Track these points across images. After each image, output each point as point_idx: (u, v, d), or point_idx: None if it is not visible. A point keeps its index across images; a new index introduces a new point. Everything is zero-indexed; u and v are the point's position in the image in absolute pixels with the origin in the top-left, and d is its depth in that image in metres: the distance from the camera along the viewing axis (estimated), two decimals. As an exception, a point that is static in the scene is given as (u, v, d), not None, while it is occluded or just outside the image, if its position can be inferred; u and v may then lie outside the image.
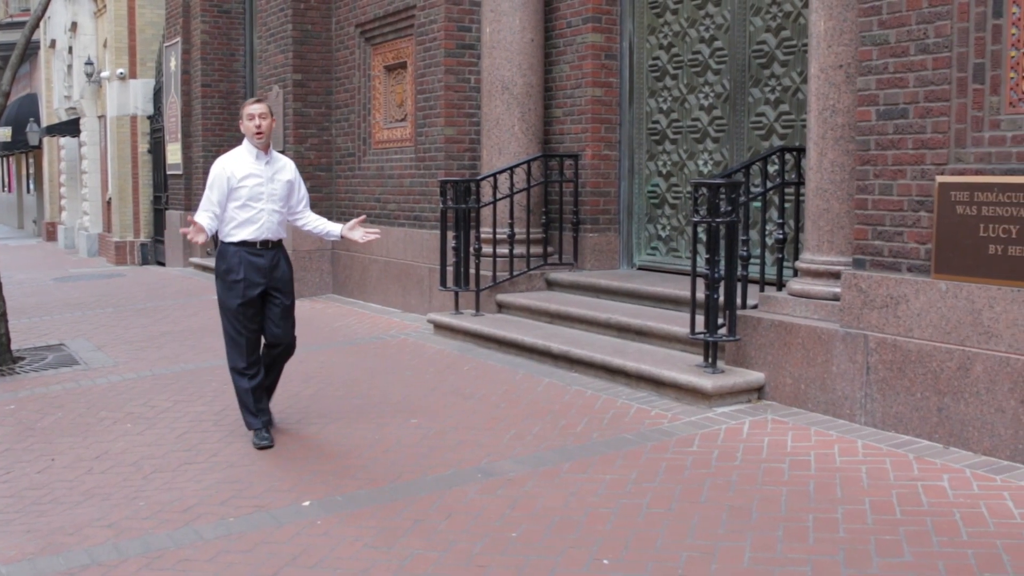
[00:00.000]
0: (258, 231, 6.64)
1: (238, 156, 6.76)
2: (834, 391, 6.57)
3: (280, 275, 6.73)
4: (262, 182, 6.67)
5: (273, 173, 6.75)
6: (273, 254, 6.71)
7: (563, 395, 7.41)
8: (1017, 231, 5.59)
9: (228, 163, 6.72)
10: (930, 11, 6.01)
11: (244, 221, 6.62)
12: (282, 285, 6.74)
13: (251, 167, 6.67)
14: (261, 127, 6.67)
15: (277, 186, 6.75)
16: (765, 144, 8.77)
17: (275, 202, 6.72)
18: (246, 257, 6.61)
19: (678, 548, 4.63)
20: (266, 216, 6.66)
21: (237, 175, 6.63)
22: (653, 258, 10.19)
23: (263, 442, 6.54)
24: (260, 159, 6.72)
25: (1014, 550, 4.46)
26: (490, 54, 10.31)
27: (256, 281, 6.61)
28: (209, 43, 17.05)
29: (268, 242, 6.69)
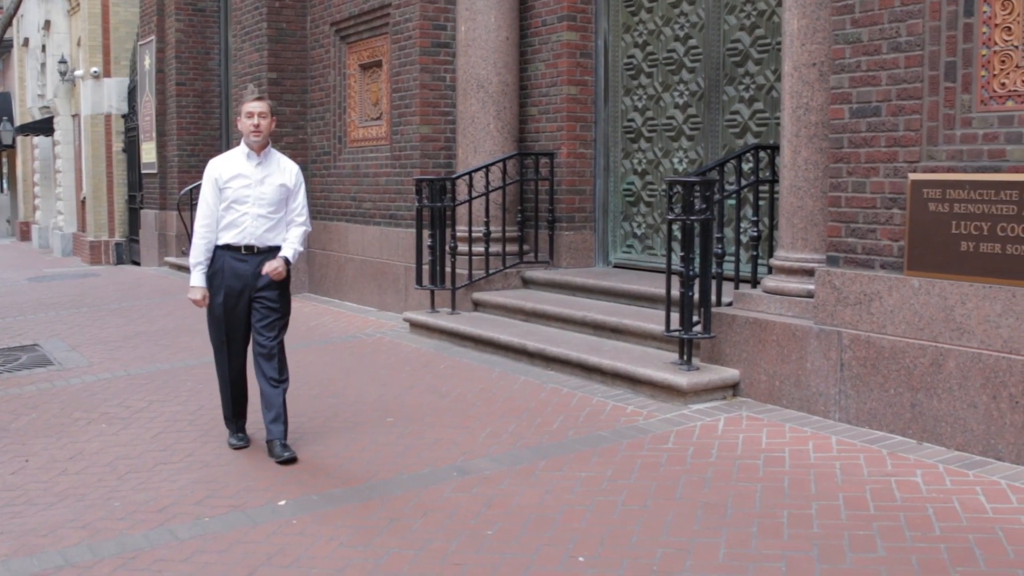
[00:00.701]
0: (240, 235, 6.35)
1: (229, 156, 6.56)
2: (808, 388, 6.60)
3: (266, 283, 6.36)
4: (249, 184, 6.37)
5: (264, 175, 6.42)
6: (259, 261, 6.37)
7: (539, 393, 7.42)
8: (989, 228, 5.63)
9: (218, 163, 6.51)
10: (902, 10, 6.04)
11: (228, 224, 6.36)
12: (268, 293, 6.38)
13: (239, 167, 6.41)
14: (260, 126, 6.39)
15: (267, 189, 6.40)
16: (740, 142, 8.80)
17: (262, 206, 6.38)
18: (229, 261, 6.35)
19: (653, 545, 4.64)
20: (250, 221, 6.34)
21: (224, 176, 6.39)
22: (629, 256, 10.21)
23: (240, 443, 6.53)
24: (251, 160, 6.43)
25: (986, 544, 4.50)
26: (465, 52, 10.31)
27: (235, 287, 6.35)
28: (184, 41, 16.99)
29: (253, 248, 6.38)
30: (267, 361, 6.37)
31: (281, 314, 6.45)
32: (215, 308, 6.42)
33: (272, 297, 6.38)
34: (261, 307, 6.37)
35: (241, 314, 6.40)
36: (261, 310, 6.37)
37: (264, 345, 6.37)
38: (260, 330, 6.40)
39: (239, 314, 6.40)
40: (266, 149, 6.49)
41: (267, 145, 6.50)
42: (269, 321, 6.38)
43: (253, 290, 6.36)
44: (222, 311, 6.39)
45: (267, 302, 6.38)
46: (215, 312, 6.42)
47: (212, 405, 7.50)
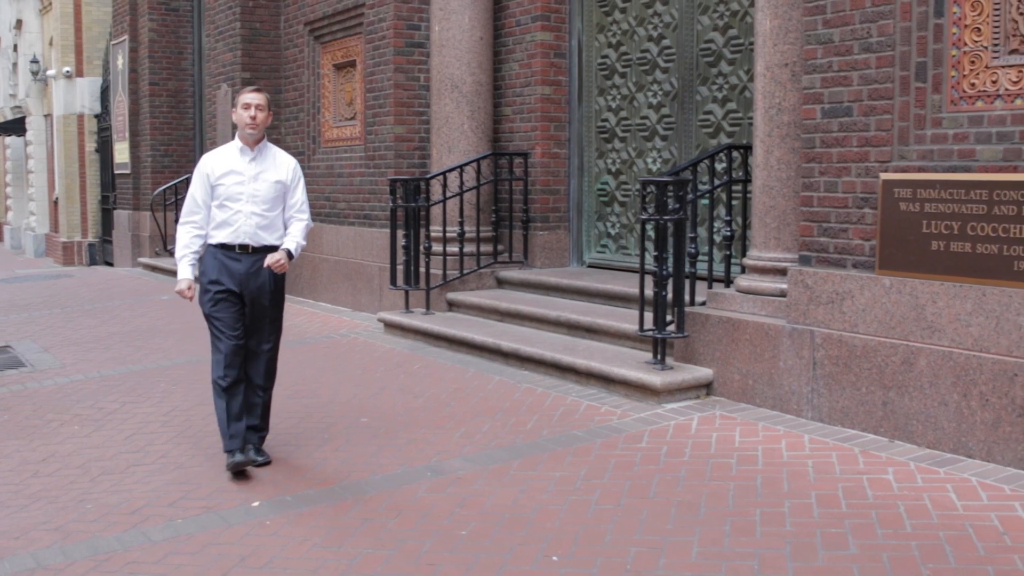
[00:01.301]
0: (234, 234, 6.06)
1: (222, 151, 6.26)
2: (781, 386, 6.63)
3: (260, 284, 6.10)
4: (242, 181, 6.07)
5: (258, 171, 6.11)
6: (254, 261, 6.08)
7: (513, 393, 7.43)
8: (959, 227, 5.67)
9: (210, 158, 6.21)
10: (873, 10, 6.08)
11: (221, 223, 6.07)
12: (261, 296, 6.12)
13: (232, 163, 6.12)
14: (256, 119, 6.09)
15: (261, 186, 6.10)
16: (713, 142, 8.83)
17: (257, 204, 6.07)
18: (222, 260, 6.07)
19: (627, 544, 4.65)
20: (243, 219, 6.04)
21: (216, 172, 6.09)
22: (603, 256, 10.23)
23: (239, 459, 5.97)
24: (245, 155, 6.13)
25: (956, 541, 4.53)
26: (439, 52, 10.31)
27: (228, 286, 6.05)
28: (157, 41, 16.92)
29: (248, 247, 6.08)
30: (254, 364, 6.18)
31: (273, 317, 6.23)
32: (208, 309, 6.11)
33: (265, 300, 6.14)
34: (255, 310, 6.13)
35: (235, 314, 6.09)
36: (255, 313, 6.14)
37: (253, 350, 6.16)
38: (252, 335, 6.16)
39: (233, 314, 6.09)
40: (261, 143, 6.20)
41: (262, 139, 6.22)
42: (264, 323, 6.18)
43: (247, 291, 6.09)
44: (214, 311, 6.09)
45: (260, 306, 6.14)
46: (206, 310, 6.13)
47: (186, 406, 7.49)
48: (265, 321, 6.18)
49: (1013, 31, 5.57)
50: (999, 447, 5.50)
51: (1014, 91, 5.56)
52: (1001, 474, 5.36)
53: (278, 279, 6.21)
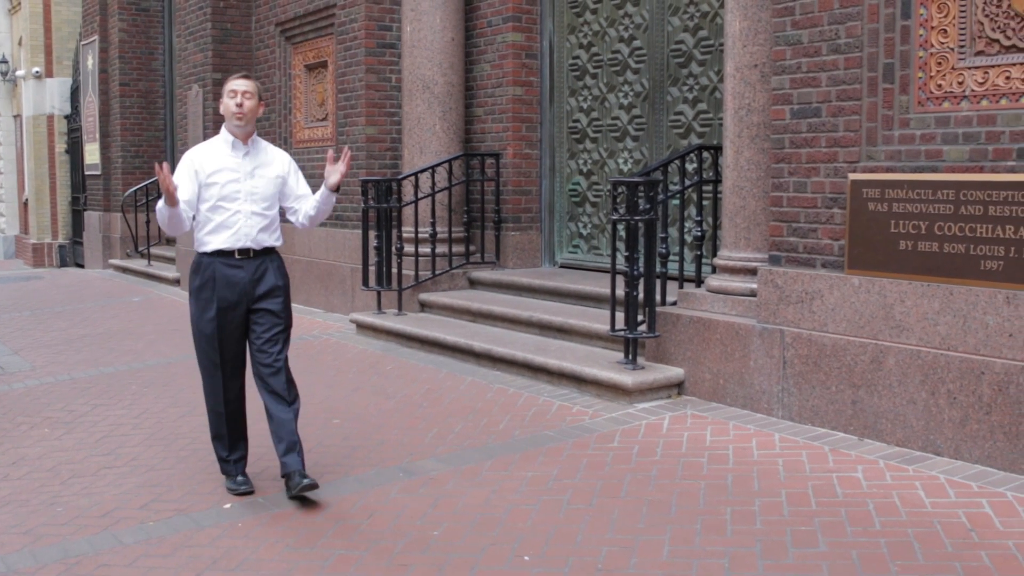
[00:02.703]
0: (234, 238, 5.47)
1: (209, 146, 5.64)
2: (752, 386, 6.67)
3: (268, 289, 5.53)
4: (238, 178, 5.50)
5: (254, 167, 5.55)
6: (257, 265, 5.52)
7: (485, 393, 7.44)
8: (926, 227, 5.72)
9: (196, 154, 5.59)
10: (841, 12, 6.12)
11: (217, 226, 5.47)
12: (271, 301, 5.54)
13: (224, 160, 5.53)
14: (244, 107, 5.48)
15: (259, 183, 5.55)
16: (684, 142, 8.87)
17: (256, 203, 5.52)
18: (221, 270, 5.46)
19: (598, 543, 4.67)
20: (243, 220, 5.48)
21: (206, 168, 5.49)
22: (575, 256, 10.26)
23: (240, 488, 5.59)
24: (238, 149, 5.55)
25: (925, 538, 4.57)
26: (411, 53, 10.31)
27: (232, 300, 5.47)
28: (127, 41, 16.85)
29: (249, 251, 5.51)
30: (274, 377, 5.50)
31: (285, 325, 5.61)
32: (203, 325, 5.51)
33: (274, 307, 5.55)
34: (262, 319, 5.52)
35: (237, 330, 5.54)
36: (262, 322, 5.52)
37: (268, 364, 5.50)
38: (263, 346, 5.51)
39: (234, 330, 5.53)
40: (253, 137, 5.63)
41: (253, 133, 5.64)
42: (273, 334, 5.53)
43: (251, 300, 5.51)
44: (214, 328, 5.48)
45: (269, 313, 5.53)
46: (204, 330, 5.52)
47: (157, 409, 7.46)
48: (279, 328, 5.56)
49: (979, 33, 5.63)
50: (967, 445, 5.55)
51: (980, 92, 5.61)
52: (969, 471, 5.42)
53: (285, 281, 5.65)
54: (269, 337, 5.51)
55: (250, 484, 5.62)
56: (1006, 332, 5.38)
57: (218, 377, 5.58)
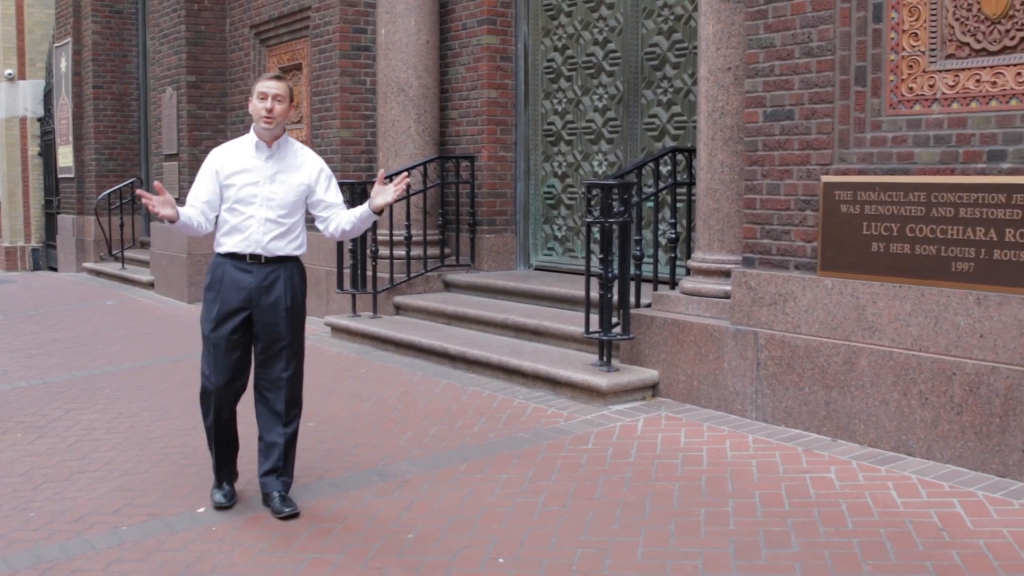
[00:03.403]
0: (245, 243, 5.22)
1: (235, 146, 5.39)
2: (726, 387, 6.69)
3: (273, 301, 5.23)
4: (256, 182, 5.23)
5: (275, 171, 5.27)
6: (268, 273, 5.23)
7: (460, 396, 7.44)
8: (898, 229, 5.76)
9: (220, 154, 5.36)
10: (813, 15, 6.16)
11: (231, 228, 5.25)
12: (275, 314, 5.23)
13: (245, 161, 5.28)
14: (273, 111, 5.22)
15: (278, 189, 5.26)
16: (658, 145, 8.90)
17: (272, 208, 5.23)
18: (230, 272, 5.23)
19: (573, 545, 4.68)
20: (256, 225, 5.21)
21: (226, 169, 5.26)
22: (550, 258, 10.27)
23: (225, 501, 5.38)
24: (261, 152, 5.28)
25: (897, 538, 4.60)
26: (385, 56, 10.31)
27: (234, 304, 5.20)
28: (101, 44, 16.75)
29: (260, 257, 5.24)
30: (272, 392, 5.33)
31: (289, 342, 5.30)
32: (206, 326, 5.30)
33: (278, 321, 5.26)
34: (264, 333, 5.27)
35: (236, 335, 5.25)
36: (263, 337, 5.27)
37: (269, 378, 5.32)
38: (265, 361, 5.31)
39: (233, 334, 5.24)
40: (280, 139, 5.34)
41: (282, 135, 5.36)
42: (276, 350, 5.29)
43: (256, 309, 5.23)
44: (211, 329, 5.25)
45: (272, 328, 5.26)
46: (205, 330, 5.30)
47: (131, 413, 7.43)
48: (281, 345, 5.28)
49: (950, 36, 5.67)
50: (938, 445, 5.59)
51: (951, 95, 5.65)
52: (940, 471, 5.46)
53: (296, 293, 5.33)
54: (272, 353, 5.28)
55: (233, 498, 5.43)
56: (977, 333, 5.42)
57: (211, 382, 5.31)
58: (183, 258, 13.18)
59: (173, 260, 13.59)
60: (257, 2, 12.64)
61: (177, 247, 13.41)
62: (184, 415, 7.27)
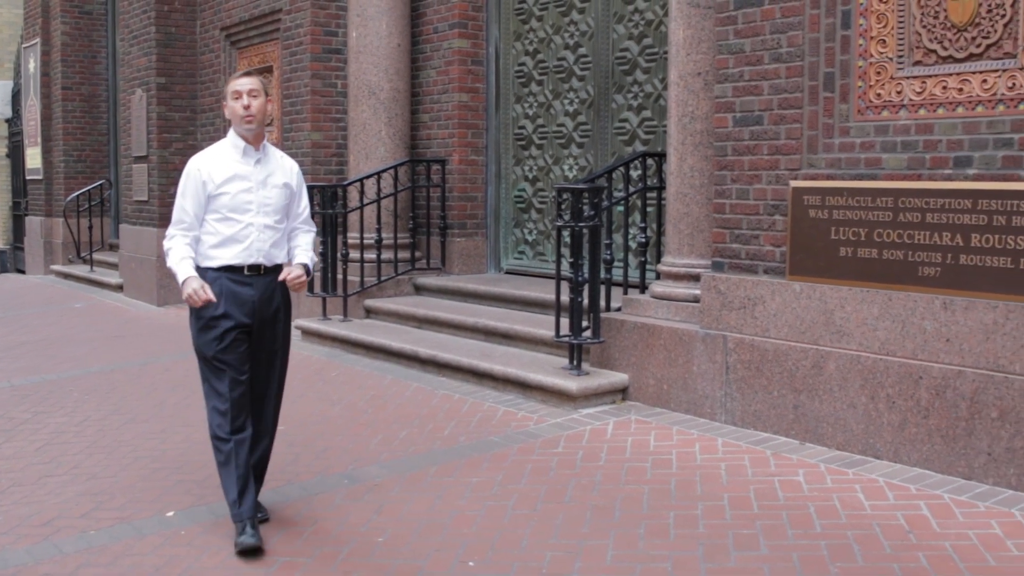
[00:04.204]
0: (246, 253, 4.96)
1: (218, 153, 5.07)
2: (695, 391, 6.72)
3: (273, 311, 5.05)
4: (250, 188, 4.99)
5: (266, 175, 5.05)
6: (267, 283, 5.02)
7: (431, 399, 7.44)
8: (866, 233, 5.81)
9: (204, 162, 5.03)
10: (783, 21, 6.20)
11: (227, 239, 4.96)
12: (275, 324, 5.08)
13: (235, 167, 5.00)
14: (251, 108, 4.96)
15: (271, 193, 5.04)
16: (628, 149, 8.93)
17: (269, 214, 5.02)
18: (229, 287, 4.93)
19: (543, 548, 4.69)
20: (256, 233, 4.97)
21: (216, 177, 4.96)
22: (520, 262, 10.29)
23: (249, 540, 4.78)
24: (249, 156, 5.02)
25: (864, 540, 4.64)
26: (357, 59, 10.30)
27: (241, 320, 4.94)
28: (70, 44, 16.66)
29: (260, 267, 5.01)
30: (263, 404, 5.17)
31: (284, 351, 5.20)
32: (207, 347, 4.95)
33: (279, 331, 5.12)
34: (265, 342, 5.09)
35: (242, 351, 4.99)
36: (263, 346, 5.09)
37: (261, 390, 5.15)
38: (259, 371, 5.12)
39: (239, 351, 4.97)
40: (263, 142, 5.12)
41: (264, 136, 5.13)
42: (271, 359, 5.15)
43: (258, 321, 5.01)
44: (217, 349, 4.93)
45: (272, 336, 5.10)
46: (207, 352, 4.97)
47: (99, 416, 7.39)
48: (276, 354, 5.15)
49: (917, 43, 5.72)
50: (905, 448, 5.63)
51: (918, 101, 5.70)
52: (907, 474, 5.50)
53: (288, 302, 5.18)
54: (269, 361, 5.11)
55: (259, 536, 4.84)
56: (943, 337, 5.47)
57: (225, 401, 4.95)
58: (152, 261, 13.12)
59: (143, 263, 13.53)
60: (228, 4, 12.60)
61: (146, 250, 13.36)
62: (153, 418, 7.24)
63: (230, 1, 12.53)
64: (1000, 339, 5.25)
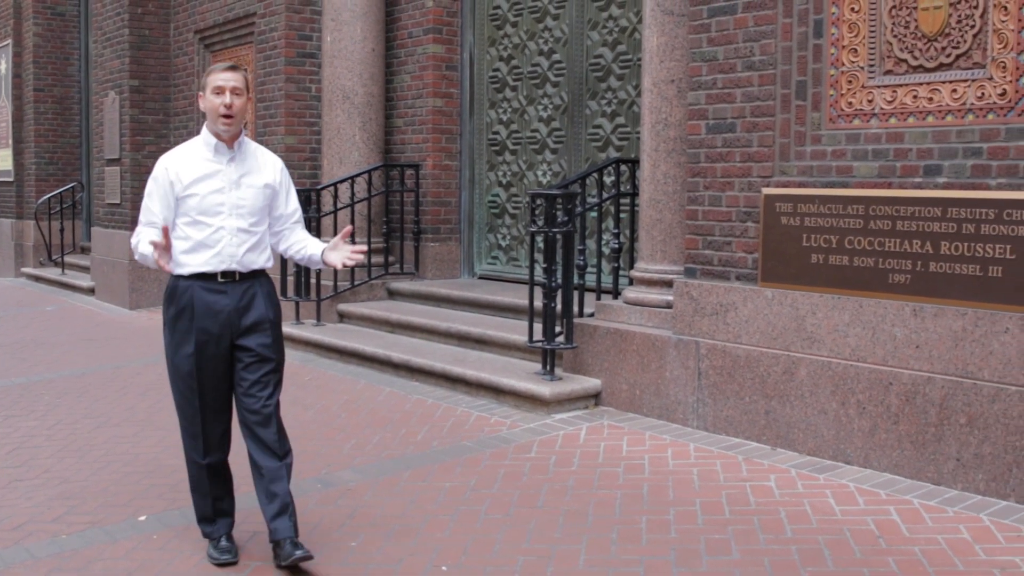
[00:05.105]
0: (216, 259, 4.58)
1: (187, 151, 4.69)
2: (668, 396, 6.75)
3: (256, 320, 4.63)
4: (221, 188, 4.60)
5: (240, 175, 4.64)
6: (244, 290, 4.63)
7: (404, 404, 7.45)
8: (837, 241, 5.85)
9: (172, 161, 4.65)
10: (756, 30, 6.24)
11: (197, 245, 4.58)
12: (259, 334, 4.64)
13: (206, 166, 4.61)
14: (233, 107, 4.57)
15: (246, 194, 4.64)
16: (602, 155, 8.96)
17: (242, 217, 4.62)
18: (201, 296, 4.57)
19: (515, 553, 4.71)
20: (228, 237, 4.58)
21: (184, 177, 4.58)
22: (494, 267, 10.30)
23: (223, 557, 4.70)
24: (221, 154, 4.63)
25: (835, 545, 4.68)
26: (331, 63, 10.30)
27: (214, 332, 4.57)
28: (42, 46, 16.59)
29: (235, 274, 4.62)
30: (263, 427, 4.67)
31: (276, 364, 4.72)
32: (180, 361, 4.63)
33: (262, 343, 4.65)
34: (250, 357, 4.64)
35: (220, 366, 4.64)
36: (248, 361, 4.64)
37: (256, 410, 4.65)
38: (250, 390, 4.65)
39: (217, 366, 4.63)
40: (239, 139, 4.70)
41: (240, 134, 4.71)
42: (261, 375, 4.66)
43: (236, 333, 4.62)
44: (192, 365, 4.60)
45: (258, 349, 4.64)
46: (181, 367, 4.64)
47: (71, 420, 7.36)
48: (268, 368, 4.68)
49: (888, 53, 5.77)
50: (875, 453, 5.68)
51: (889, 110, 5.76)
52: (877, 479, 5.55)
53: (276, 310, 4.76)
54: (256, 379, 4.65)
55: (235, 552, 4.75)
56: (913, 344, 5.52)
57: (197, 422, 4.69)
58: (124, 264, 13.07)
59: (115, 266, 13.47)
60: (202, 7, 12.57)
61: (118, 252, 13.30)
62: (125, 422, 7.22)
63: (204, 4, 12.51)
64: (969, 346, 5.31)
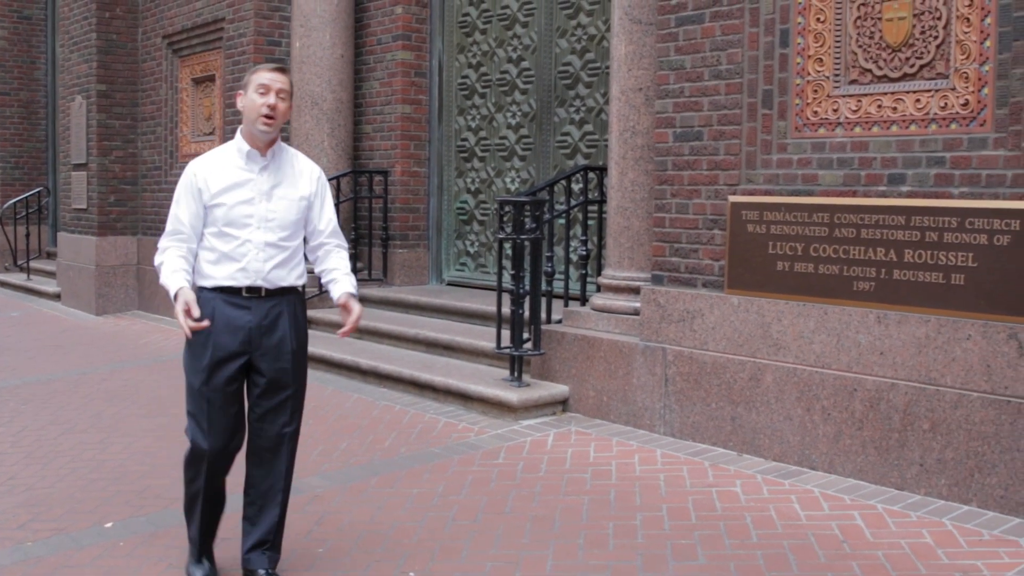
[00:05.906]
0: (241, 273, 4.28)
1: (218, 157, 4.39)
2: (635, 403, 6.79)
3: (277, 341, 4.34)
4: (251, 199, 4.28)
5: (272, 185, 4.33)
6: (268, 309, 4.32)
7: (371, 410, 7.45)
8: (803, 248, 5.91)
9: (201, 167, 4.35)
10: (723, 39, 6.29)
11: (222, 257, 4.29)
12: (280, 357, 4.35)
13: (236, 174, 4.31)
14: (277, 109, 4.27)
15: (277, 207, 4.32)
16: (570, 163, 9.00)
17: (272, 230, 4.30)
18: (222, 309, 4.27)
19: (483, 559, 4.72)
20: (254, 251, 4.27)
21: (213, 186, 4.28)
22: (462, 274, 10.32)
23: None
24: (253, 162, 4.32)
25: (799, 550, 4.72)
26: (300, 69, 10.29)
27: (231, 348, 4.27)
28: (8, 50, 16.50)
29: (260, 290, 4.31)
30: (272, 453, 4.46)
31: (295, 390, 4.44)
32: (194, 376, 4.33)
33: (282, 366, 4.36)
34: (264, 380, 4.36)
35: (233, 385, 4.34)
36: (264, 384, 4.37)
37: (269, 437, 4.43)
38: (265, 415, 4.41)
39: (230, 384, 4.32)
40: (275, 146, 4.38)
41: (277, 140, 4.40)
42: (278, 402, 4.40)
43: (256, 352, 4.33)
44: (203, 380, 4.30)
45: (274, 375, 4.36)
46: (194, 382, 4.34)
47: (36, 426, 7.32)
48: (286, 395, 4.40)
49: (853, 62, 5.83)
50: (840, 459, 5.73)
51: (854, 119, 5.82)
52: (842, 485, 5.60)
53: (302, 332, 4.48)
54: (273, 405, 4.40)
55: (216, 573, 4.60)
56: (877, 350, 5.57)
57: (202, 443, 4.36)
58: (91, 269, 13.00)
59: (81, 271, 13.40)
60: (170, 12, 12.53)
61: (85, 258, 13.23)
62: (91, 428, 7.18)
63: (172, 9, 12.46)
64: (932, 352, 5.37)
